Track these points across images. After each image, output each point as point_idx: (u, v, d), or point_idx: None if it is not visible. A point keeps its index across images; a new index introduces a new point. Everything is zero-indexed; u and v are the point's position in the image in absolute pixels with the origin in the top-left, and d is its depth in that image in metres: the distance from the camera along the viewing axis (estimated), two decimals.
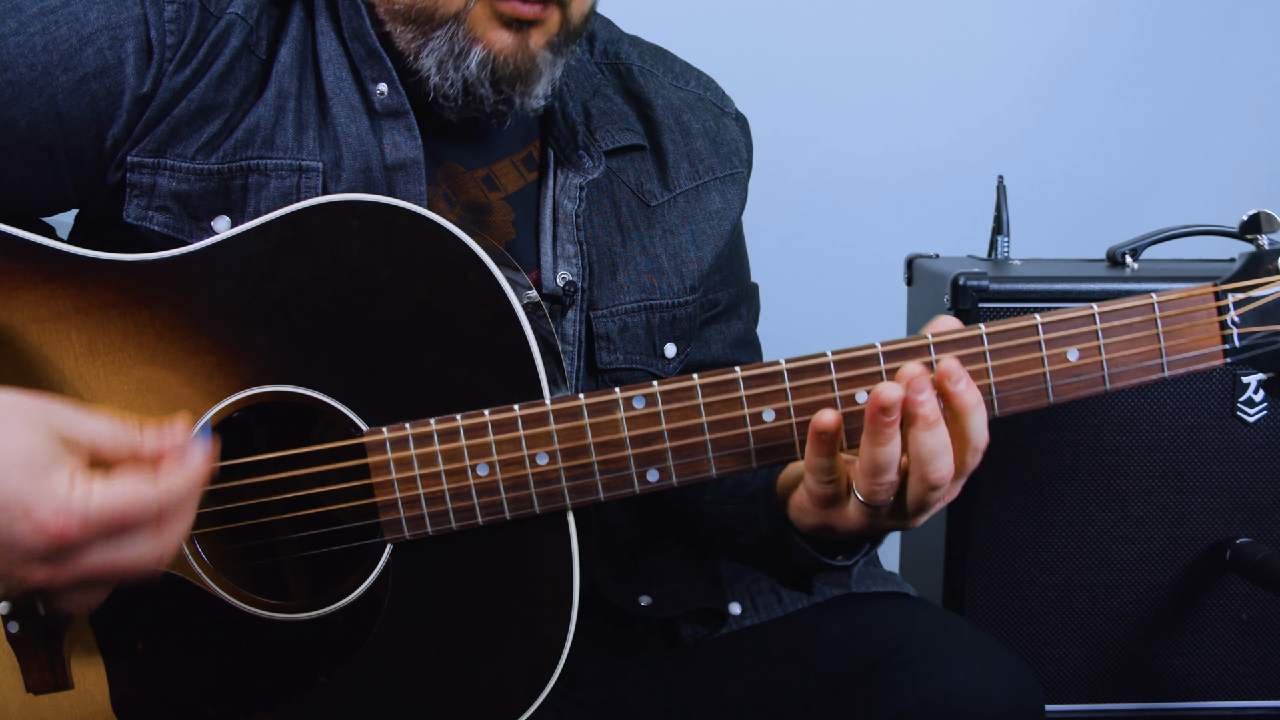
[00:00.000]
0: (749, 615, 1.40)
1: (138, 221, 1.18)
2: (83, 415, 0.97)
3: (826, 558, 1.20)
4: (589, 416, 1.10)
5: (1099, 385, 1.12)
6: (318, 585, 1.16)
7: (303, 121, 1.22)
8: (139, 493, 0.95)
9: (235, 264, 1.10)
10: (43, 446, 0.93)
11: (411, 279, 1.09)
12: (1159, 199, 2.64)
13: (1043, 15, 2.61)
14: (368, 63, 1.23)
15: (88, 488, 0.93)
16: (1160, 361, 1.13)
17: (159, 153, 1.17)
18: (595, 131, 1.35)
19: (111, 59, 1.15)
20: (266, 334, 1.10)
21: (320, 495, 1.13)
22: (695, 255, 1.38)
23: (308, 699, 1.15)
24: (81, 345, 1.10)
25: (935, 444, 1.02)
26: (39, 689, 1.13)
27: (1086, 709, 1.84)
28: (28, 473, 0.92)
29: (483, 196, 1.31)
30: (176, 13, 1.17)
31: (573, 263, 1.31)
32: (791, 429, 1.10)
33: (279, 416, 1.14)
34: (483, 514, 1.11)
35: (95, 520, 0.93)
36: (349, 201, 1.09)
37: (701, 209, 1.39)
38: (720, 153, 1.42)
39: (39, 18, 1.14)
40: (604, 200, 1.35)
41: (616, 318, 1.33)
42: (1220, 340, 1.13)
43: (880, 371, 1.08)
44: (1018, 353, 1.10)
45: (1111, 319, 1.11)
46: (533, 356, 1.10)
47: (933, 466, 1.03)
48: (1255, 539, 1.79)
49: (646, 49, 1.47)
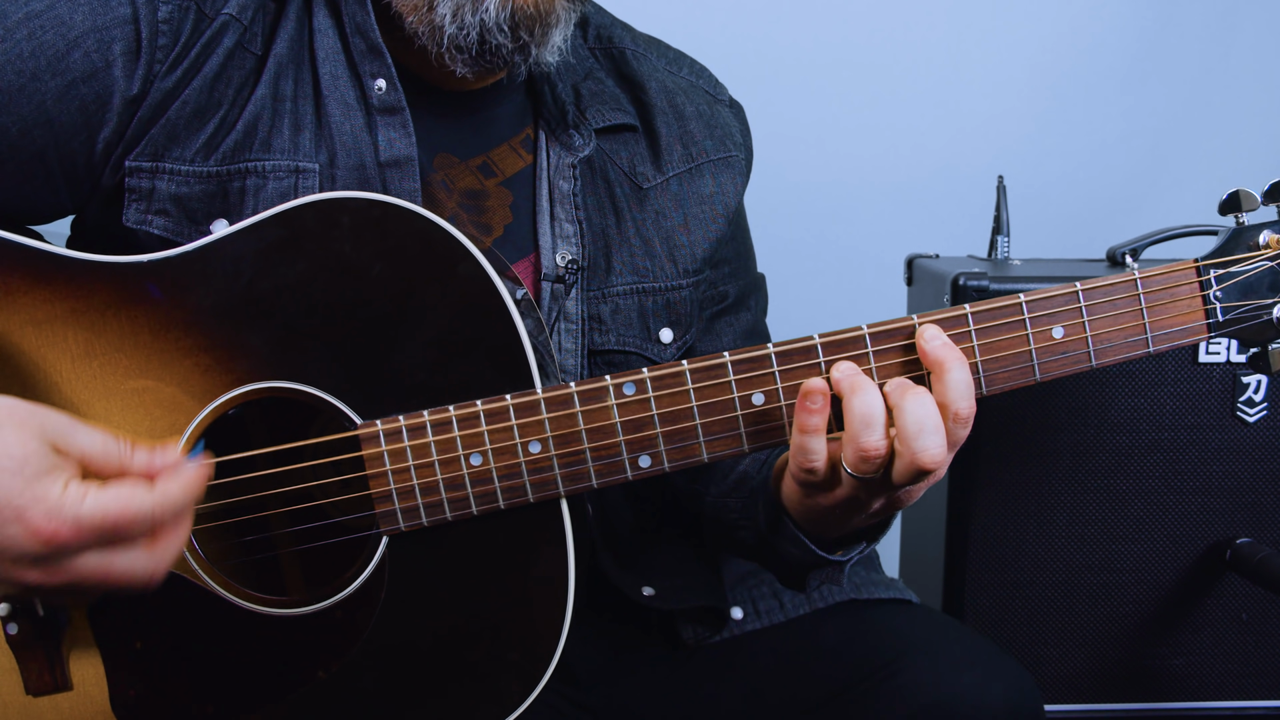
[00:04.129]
0: (750, 620, 1.40)
1: (137, 225, 1.18)
2: (76, 425, 0.97)
3: (822, 551, 1.20)
4: (580, 404, 1.11)
5: (1085, 362, 1.13)
6: (315, 580, 1.17)
7: (299, 122, 1.21)
8: (133, 501, 0.95)
9: (228, 263, 1.10)
10: (36, 452, 0.94)
11: (402, 274, 1.10)
12: (1159, 199, 2.64)
13: (1043, 15, 2.61)
14: (368, 58, 1.23)
15: (80, 493, 0.94)
16: (1145, 337, 1.14)
17: (158, 156, 1.17)
18: (585, 110, 1.35)
19: (99, 62, 1.14)
20: (260, 331, 1.10)
21: (315, 489, 1.14)
22: (688, 239, 1.38)
23: (307, 695, 1.15)
24: (78, 347, 1.10)
25: (923, 416, 1.02)
26: (38, 690, 1.13)
27: (1086, 709, 1.84)
28: (21, 477, 0.92)
29: (478, 184, 1.31)
30: (171, 14, 1.16)
31: (572, 241, 1.31)
32: (781, 411, 1.11)
33: (275, 413, 1.15)
34: (477, 503, 1.12)
35: (87, 525, 0.93)
36: (339, 199, 1.10)
37: (694, 192, 1.39)
38: (714, 136, 1.41)
39: (25, 23, 1.13)
40: (598, 181, 1.35)
41: (609, 299, 1.33)
42: (1204, 315, 1.15)
43: (868, 353, 1.10)
44: (1003, 331, 1.12)
45: (1095, 296, 1.13)
46: (523, 347, 1.11)
47: (921, 442, 1.02)
48: (1255, 539, 1.79)
49: (640, 36, 1.46)
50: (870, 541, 1.24)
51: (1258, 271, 1.15)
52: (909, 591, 1.43)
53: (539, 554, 1.14)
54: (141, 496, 0.95)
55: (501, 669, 1.14)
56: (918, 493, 1.10)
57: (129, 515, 0.95)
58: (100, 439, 0.98)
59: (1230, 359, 1.78)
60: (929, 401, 1.03)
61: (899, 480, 1.05)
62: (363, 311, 1.10)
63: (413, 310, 1.10)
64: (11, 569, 0.94)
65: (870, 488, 1.07)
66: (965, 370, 1.05)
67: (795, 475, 1.09)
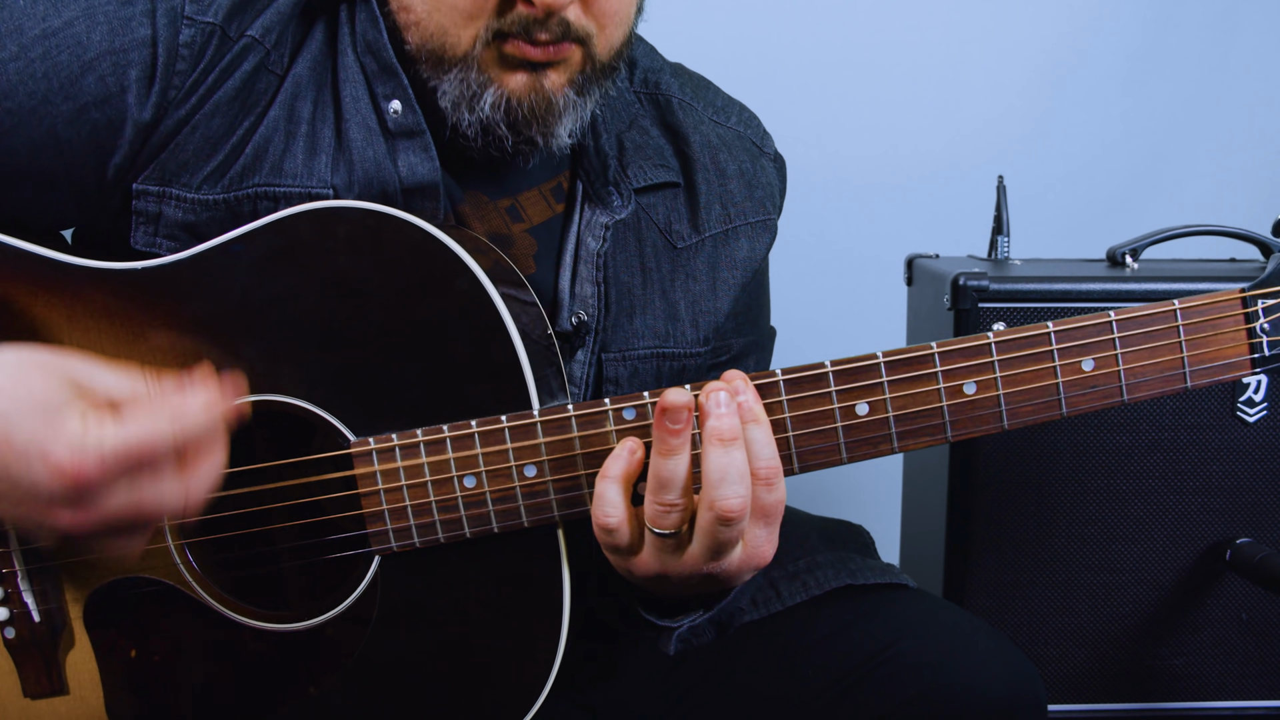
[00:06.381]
0: (748, 611, 1.39)
1: (146, 248, 1.15)
2: (100, 367, 0.98)
3: (659, 615, 1.17)
4: (578, 429, 1.07)
5: (1116, 396, 1.06)
6: (308, 596, 1.16)
7: (315, 146, 1.17)
8: (155, 428, 0.94)
9: (223, 271, 1.08)
10: (57, 391, 0.94)
11: (398, 287, 1.07)
12: (1159, 199, 2.65)
13: (1043, 15, 2.61)
14: (380, 79, 1.18)
15: (101, 427, 0.93)
16: (1182, 372, 1.06)
17: (165, 181, 1.14)
18: (628, 167, 1.30)
19: (114, 87, 1.10)
20: (254, 343, 1.08)
21: (308, 506, 1.12)
22: (713, 305, 1.33)
23: (298, 710, 1.14)
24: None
25: (727, 465, 0.97)
26: (36, 694, 1.14)
27: (1086, 709, 1.84)
28: (42, 418, 0.92)
29: (505, 228, 1.26)
30: (193, 37, 1.12)
31: (589, 304, 1.26)
32: (789, 442, 1.06)
33: (272, 427, 1.13)
34: (470, 526, 1.09)
35: (111, 458, 0.93)
36: (334, 208, 1.07)
37: (728, 255, 1.34)
38: (754, 197, 1.37)
39: (40, 41, 1.10)
40: (630, 239, 1.30)
41: (628, 362, 1.28)
42: (1248, 349, 1.07)
43: (882, 384, 1.05)
44: (1028, 362, 1.05)
45: (1130, 326, 1.05)
46: (520, 366, 1.07)
47: (721, 491, 0.97)
48: (1255, 539, 1.79)
49: (688, 80, 1.41)
50: (705, 609, 1.18)
51: None
52: (905, 576, 1.42)
53: (534, 577, 1.11)
54: (164, 423, 0.94)
55: (495, 691, 1.13)
56: (737, 572, 1.04)
57: (153, 443, 0.94)
58: (126, 378, 0.98)
59: None
60: (736, 452, 0.98)
61: (703, 542, 1.00)
62: (358, 325, 1.08)
63: (409, 324, 1.08)
64: (45, 513, 0.94)
65: (675, 550, 1.02)
66: (763, 430, 1.00)
67: (596, 526, 1.04)
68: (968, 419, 1.06)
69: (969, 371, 1.05)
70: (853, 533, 1.54)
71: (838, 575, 1.39)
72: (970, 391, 1.05)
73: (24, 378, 0.94)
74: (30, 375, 0.94)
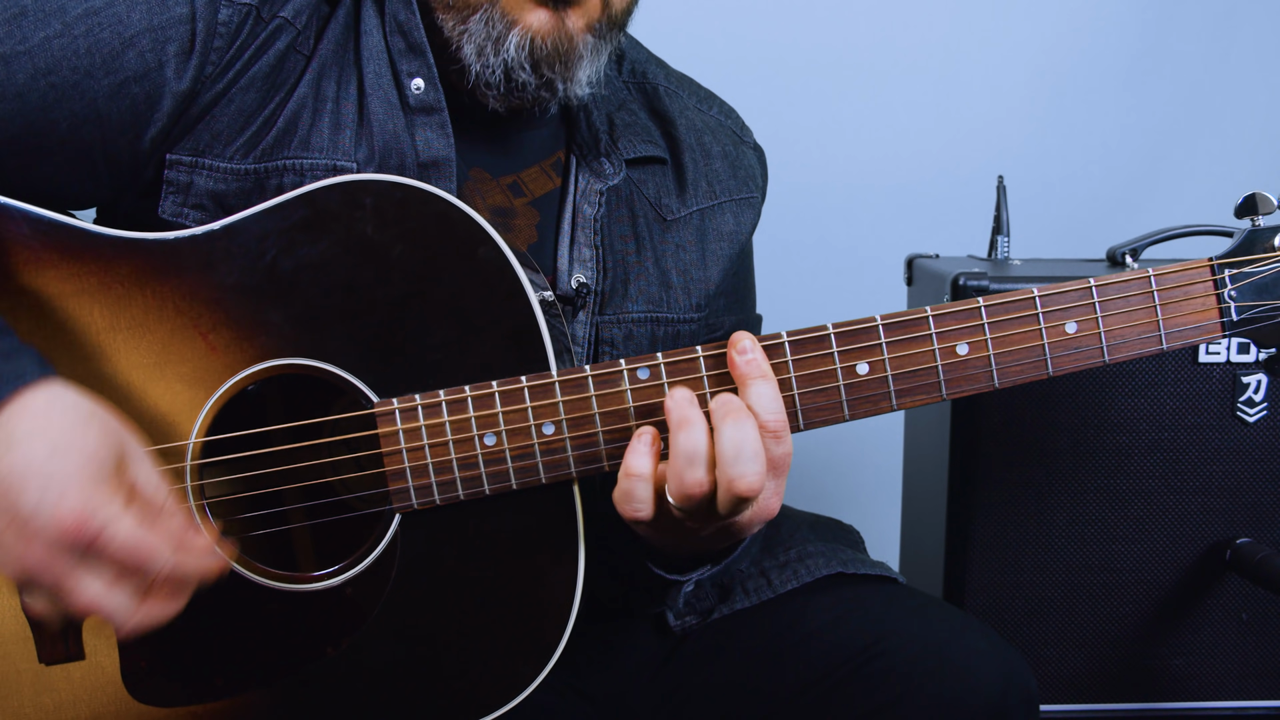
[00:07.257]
0: (739, 599, 1.40)
1: (174, 218, 1.19)
2: (146, 458, 1.03)
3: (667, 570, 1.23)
4: (594, 388, 1.12)
5: (1098, 357, 1.14)
6: (327, 557, 1.18)
7: (339, 121, 1.23)
8: (160, 549, 0.98)
9: (252, 241, 1.12)
10: (108, 456, 0.99)
11: (423, 256, 1.12)
12: (1159, 199, 2.65)
13: (1043, 15, 2.61)
14: (406, 57, 1.25)
15: (124, 514, 0.97)
16: (1158, 334, 1.15)
17: (199, 152, 1.19)
18: (618, 140, 1.37)
19: (153, 62, 1.16)
20: (282, 309, 1.12)
21: (330, 466, 1.16)
22: (703, 274, 1.40)
23: (315, 670, 1.16)
24: (104, 320, 1.12)
25: (738, 433, 1.03)
26: (51, 659, 1.14)
27: (1086, 709, 1.85)
28: (83, 466, 0.96)
29: (507, 202, 1.33)
30: (230, 16, 1.17)
31: (588, 266, 1.32)
32: (794, 400, 1.12)
33: (294, 390, 1.17)
34: (489, 483, 1.13)
35: (112, 543, 0.96)
36: (363, 180, 1.12)
37: (715, 228, 1.42)
38: (738, 176, 1.45)
39: (83, 19, 1.15)
40: (623, 209, 1.37)
41: (623, 325, 1.34)
42: (1218, 314, 1.16)
43: (880, 344, 1.11)
44: (1016, 325, 1.13)
45: (1109, 292, 1.14)
46: (539, 330, 1.12)
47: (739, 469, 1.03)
48: (1255, 539, 1.79)
49: (673, 73, 1.49)
50: (713, 564, 1.25)
51: (1273, 273, 1.16)
52: (894, 571, 1.43)
53: (550, 536, 1.15)
54: (167, 550, 0.99)
55: (509, 650, 1.16)
56: (748, 524, 1.10)
57: (151, 558, 0.98)
58: (155, 479, 1.02)
59: (1230, 359, 1.78)
60: (748, 425, 1.04)
61: (723, 510, 1.05)
62: (383, 292, 1.12)
63: (432, 292, 1.12)
64: (24, 536, 0.95)
65: (697, 518, 1.08)
66: (770, 385, 1.07)
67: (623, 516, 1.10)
68: (961, 378, 1.14)
69: (961, 334, 1.13)
70: (843, 530, 1.56)
71: (829, 564, 1.41)
72: (963, 352, 1.14)
73: (89, 430, 0.98)
74: (93, 427, 0.99)
